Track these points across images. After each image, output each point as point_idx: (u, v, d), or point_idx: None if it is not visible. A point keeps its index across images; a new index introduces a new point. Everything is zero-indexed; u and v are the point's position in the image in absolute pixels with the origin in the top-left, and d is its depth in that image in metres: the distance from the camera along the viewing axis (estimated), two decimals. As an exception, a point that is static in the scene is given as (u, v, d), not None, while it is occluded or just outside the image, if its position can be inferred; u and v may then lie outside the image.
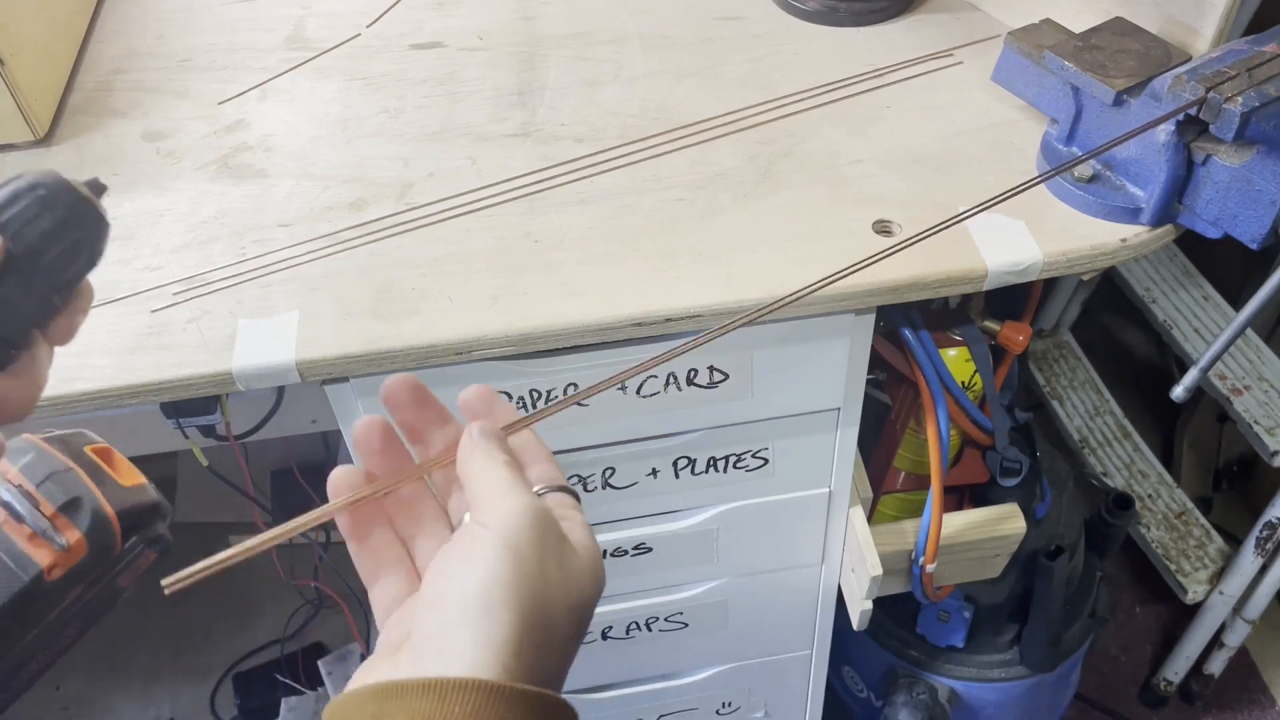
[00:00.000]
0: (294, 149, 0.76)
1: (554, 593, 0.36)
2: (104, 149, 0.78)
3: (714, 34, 0.85)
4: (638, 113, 0.78)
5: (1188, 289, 1.32)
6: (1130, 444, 1.43)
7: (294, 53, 0.86)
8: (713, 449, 0.77)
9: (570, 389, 0.70)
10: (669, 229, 0.68)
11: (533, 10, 0.89)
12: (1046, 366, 1.53)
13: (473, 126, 0.77)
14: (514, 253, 0.67)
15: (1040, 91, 0.71)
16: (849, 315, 0.69)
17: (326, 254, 0.68)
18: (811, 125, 0.76)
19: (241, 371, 0.61)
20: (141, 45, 0.88)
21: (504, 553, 0.35)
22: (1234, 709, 1.44)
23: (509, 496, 0.37)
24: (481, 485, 0.38)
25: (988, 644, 1.09)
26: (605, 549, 0.83)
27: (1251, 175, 0.61)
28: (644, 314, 0.63)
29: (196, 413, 0.75)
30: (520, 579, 0.35)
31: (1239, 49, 0.63)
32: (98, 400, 0.61)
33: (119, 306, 0.65)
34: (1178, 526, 1.33)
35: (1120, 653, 1.50)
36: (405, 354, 0.62)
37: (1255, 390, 1.19)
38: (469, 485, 0.39)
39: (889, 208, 0.69)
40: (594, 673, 0.98)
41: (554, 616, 0.36)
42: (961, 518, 0.88)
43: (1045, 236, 0.66)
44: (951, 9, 0.87)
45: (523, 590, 0.35)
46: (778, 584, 0.91)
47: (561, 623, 0.36)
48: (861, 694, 1.19)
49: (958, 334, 0.82)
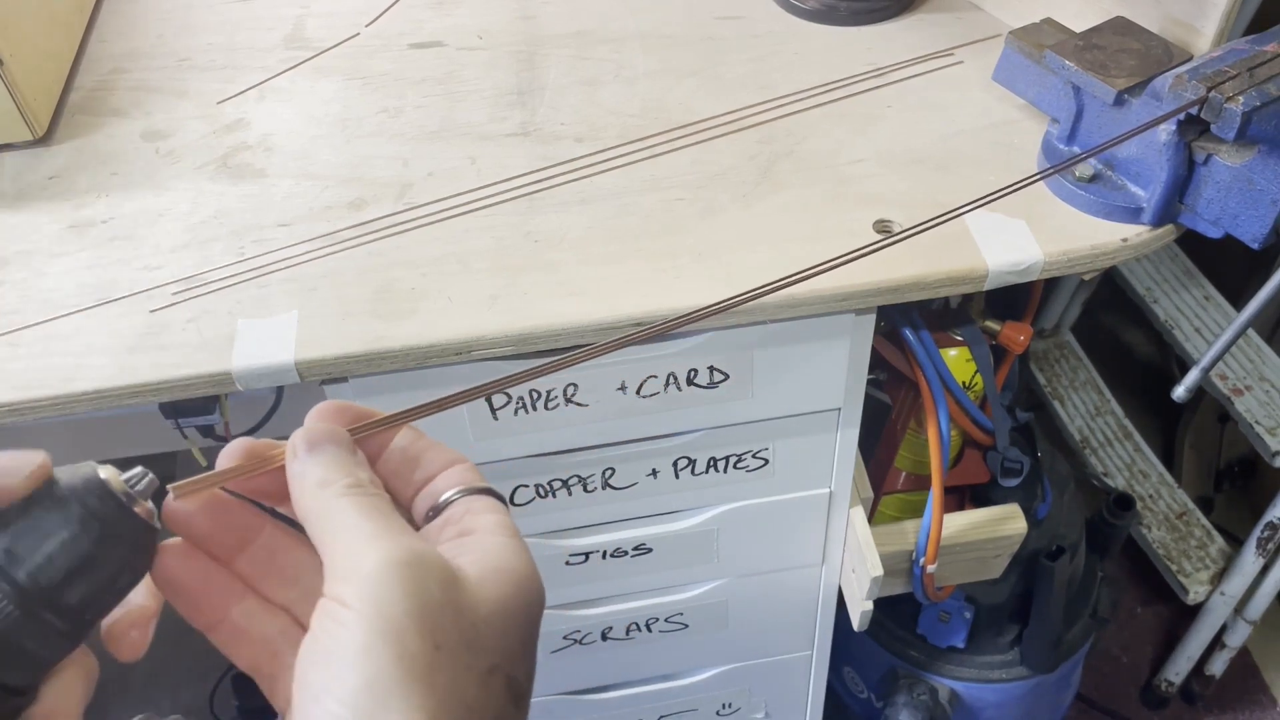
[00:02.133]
0: (293, 149, 0.76)
1: (458, 659, 0.28)
2: (103, 149, 0.77)
3: (714, 33, 0.85)
4: (638, 112, 0.78)
5: (1189, 289, 1.32)
6: (1131, 444, 1.43)
7: (293, 52, 0.86)
8: (713, 449, 0.77)
9: (570, 389, 0.70)
10: (669, 229, 0.68)
11: (532, 9, 0.89)
12: (1047, 367, 1.53)
13: (472, 126, 0.77)
14: (514, 253, 0.67)
15: (1041, 91, 0.71)
16: (849, 315, 0.69)
17: (326, 254, 0.68)
18: (812, 125, 0.76)
19: (241, 371, 0.61)
20: (141, 45, 0.87)
21: (378, 641, 0.27)
22: (1235, 709, 1.44)
23: (365, 552, 0.28)
24: (325, 535, 0.30)
25: (988, 645, 1.08)
26: (605, 549, 0.83)
27: (1252, 175, 0.61)
28: (644, 314, 0.63)
29: (196, 413, 0.74)
30: (409, 667, 0.27)
31: (1240, 48, 0.63)
32: (96, 400, 0.61)
33: (118, 306, 0.65)
34: (1179, 527, 1.33)
35: (1121, 653, 1.50)
36: (405, 354, 0.62)
37: (1256, 390, 1.19)
38: (310, 532, 0.30)
39: (889, 207, 0.69)
40: (594, 673, 0.98)
41: (467, 681, 0.28)
42: (962, 518, 0.88)
43: (1046, 236, 0.66)
44: (952, 8, 0.87)
45: (415, 677, 0.27)
46: (778, 584, 0.91)
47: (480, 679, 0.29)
48: (862, 694, 1.19)
49: (958, 334, 0.82)
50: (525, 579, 0.31)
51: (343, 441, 0.32)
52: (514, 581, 0.30)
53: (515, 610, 0.30)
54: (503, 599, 0.30)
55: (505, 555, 0.31)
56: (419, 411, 0.34)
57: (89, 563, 0.29)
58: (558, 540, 0.82)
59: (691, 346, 0.69)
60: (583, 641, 0.92)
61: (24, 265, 0.68)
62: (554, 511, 0.79)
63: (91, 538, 0.29)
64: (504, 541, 0.31)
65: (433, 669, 0.27)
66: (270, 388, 0.77)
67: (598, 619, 0.90)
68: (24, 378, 0.61)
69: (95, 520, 0.29)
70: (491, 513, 0.32)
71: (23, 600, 0.28)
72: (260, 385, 0.62)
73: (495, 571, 0.30)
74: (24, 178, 0.75)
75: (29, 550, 0.28)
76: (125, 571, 0.30)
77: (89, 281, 0.67)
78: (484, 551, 0.31)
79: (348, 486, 0.30)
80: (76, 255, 0.69)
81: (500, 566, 0.30)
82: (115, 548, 0.30)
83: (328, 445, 0.32)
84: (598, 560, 0.84)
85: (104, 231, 0.70)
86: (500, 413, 0.70)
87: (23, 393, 0.60)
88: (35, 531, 0.29)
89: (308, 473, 0.31)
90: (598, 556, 0.84)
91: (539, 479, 0.76)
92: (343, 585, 0.28)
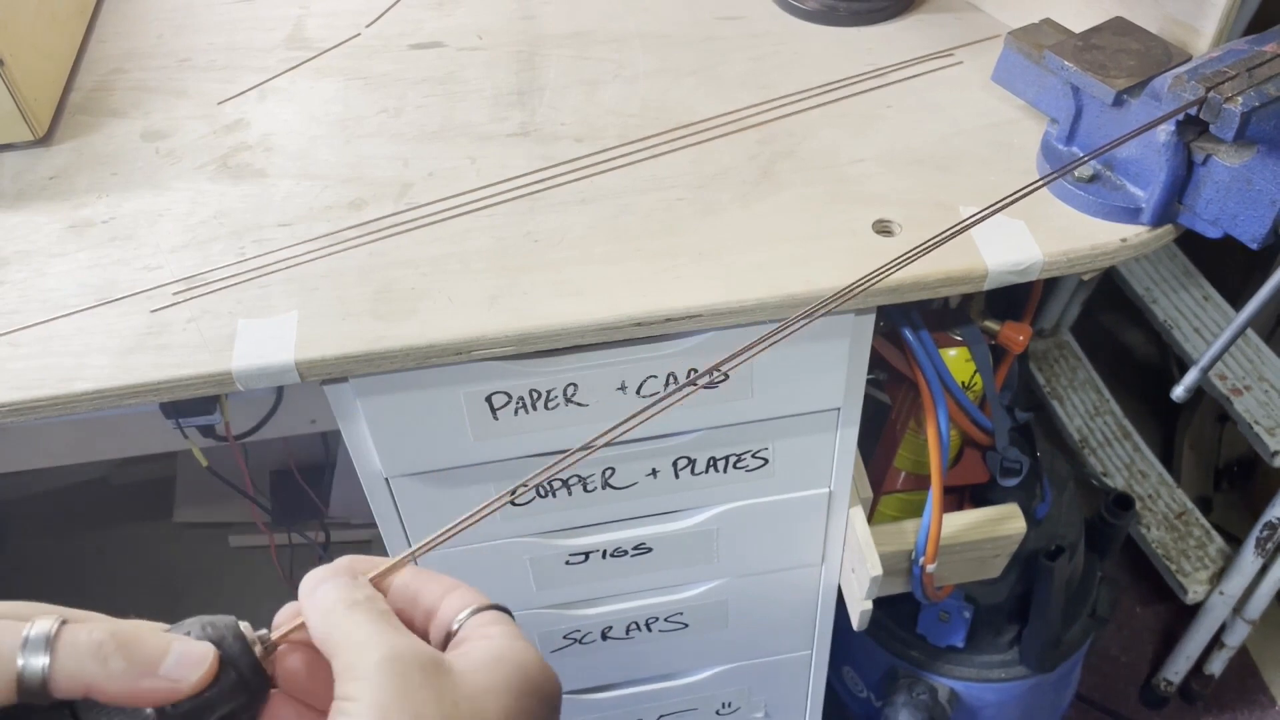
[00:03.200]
0: (293, 149, 0.76)
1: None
2: (103, 149, 0.78)
3: (714, 33, 0.85)
4: (638, 112, 0.78)
5: (1188, 289, 1.32)
6: (1130, 444, 1.43)
7: (293, 52, 0.86)
8: (713, 449, 0.77)
9: (570, 389, 0.70)
10: (669, 229, 0.68)
11: (532, 9, 0.89)
12: (1047, 366, 1.53)
13: (472, 126, 0.77)
14: (514, 253, 0.67)
15: (1040, 91, 0.71)
16: (849, 315, 0.69)
17: (326, 254, 0.68)
18: (811, 125, 0.76)
19: (241, 371, 0.61)
20: (141, 45, 0.88)
21: (366, 712, 0.32)
22: (1234, 709, 1.44)
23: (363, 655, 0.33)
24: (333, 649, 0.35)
25: (988, 644, 1.09)
26: (605, 549, 0.83)
27: (1251, 175, 0.61)
28: (644, 314, 0.63)
29: (196, 413, 0.75)
30: None
31: (1239, 49, 0.63)
32: (97, 400, 0.61)
33: (118, 306, 0.65)
34: (1178, 527, 1.33)
35: (1120, 653, 1.50)
36: (405, 354, 0.62)
37: (1255, 390, 1.19)
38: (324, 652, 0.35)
39: (889, 207, 0.69)
40: (594, 673, 0.98)
41: None
42: (961, 518, 0.88)
43: (1045, 236, 0.66)
44: (951, 9, 0.87)
45: None
46: (778, 584, 0.91)
47: None
48: (861, 694, 1.19)
49: (958, 334, 0.82)
50: (526, 665, 0.35)
51: (342, 571, 0.37)
52: (513, 667, 0.35)
53: (513, 690, 0.34)
54: (496, 681, 0.34)
55: (503, 646, 0.35)
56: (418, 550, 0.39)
57: (229, 716, 0.34)
58: (558, 540, 0.82)
59: (692, 346, 0.69)
60: (583, 641, 0.92)
61: (24, 265, 0.68)
62: (554, 511, 0.79)
63: (239, 697, 0.34)
64: (504, 638, 0.36)
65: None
66: (270, 388, 0.77)
67: (598, 619, 0.90)
68: (24, 378, 0.61)
69: (244, 684, 0.34)
70: (498, 624, 0.37)
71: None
72: (260, 385, 0.62)
73: (493, 660, 0.35)
74: (24, 178, 0.75)
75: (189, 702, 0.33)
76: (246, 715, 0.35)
77: (89, 281, 0.67)
78: (483, 647, 0.35)
79: (350, 605, 0.35)
80: (76, 255, 0.69)
81: (499, 657, 0.35)
82: (250, 701, 0.35)
83: (329, 578, 0.37)
84: (598, 560, 0.84)
85: (104, 231, 0.70)
86: (500, 413, 0.70)
87: (23, 393, 0.60)
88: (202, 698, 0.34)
89: (314, 605, 0.36)
90: (598, 556, 0.84)
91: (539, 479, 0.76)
92: (347, 685, 0.33)
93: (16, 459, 0.94)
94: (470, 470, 0.74)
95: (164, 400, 0.64)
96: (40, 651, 0.32)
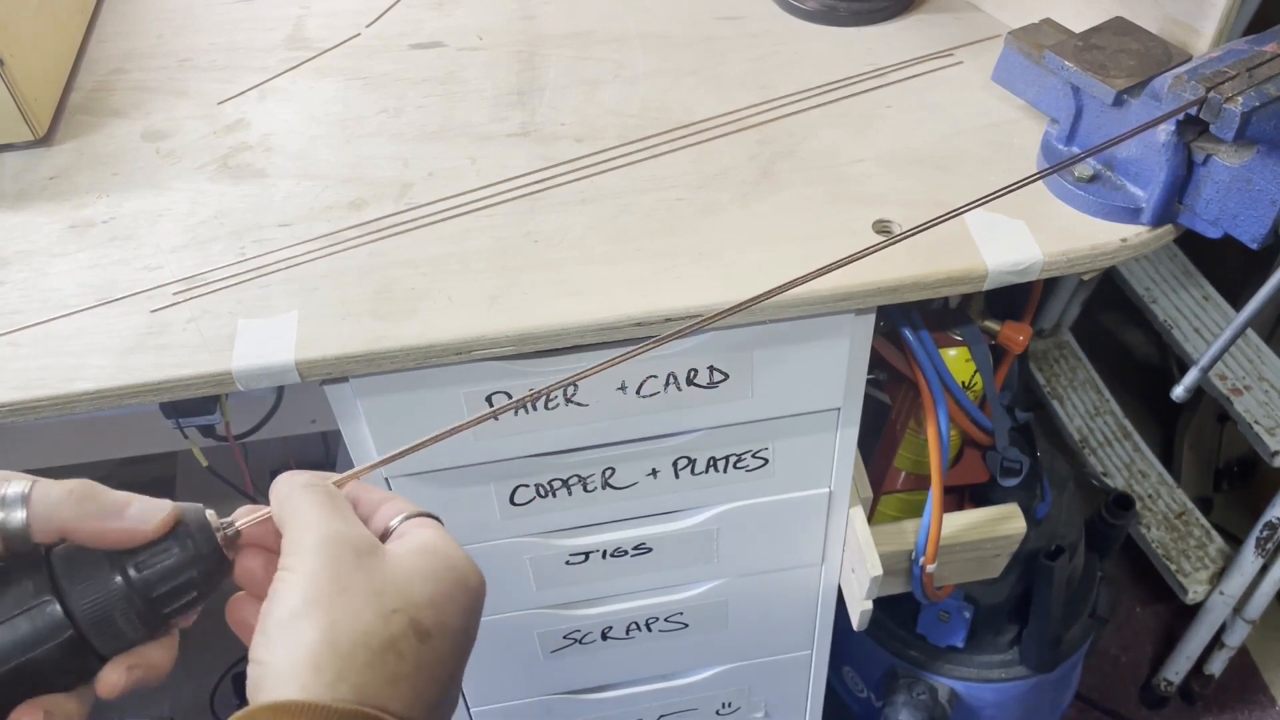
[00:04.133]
0: (294, 149, 0.76)
1: (360, 600, 0.37)
2: (104, 149, 0.78)
3: (714, 34, 0.85)
4: (638, 112, 0.78)
5: (1188, 289, 1.32)
6: (1130, 444, 1.43)
7: (294, 52, 0.86)
8: (713, 449, 0.77)
9: (570, 389, 0.70)
10: (669, 229, 0.68)
11: (532, 10, 0.89)
12: (1047, 366, 1.53)
13: (472, 126, 0.77)
14: (514, 253, 0.67)
15: (1040, 91, 0.71)
16: (849, 315, 0.69)
17: (326, 254, 0.68)
18: (811, 125, 0.76)
19: (241, 371, 0.61)
20: (141, 45, 0.88)
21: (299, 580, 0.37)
22: (1234, 709, 1.44)
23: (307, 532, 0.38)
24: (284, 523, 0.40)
25: (988, 644, 1.09)
26: (605, 549, 0.83)
27: (1251, 175, 0.61)
28: (644, 314, 0.63)
29: (196, 413, 0.75)
30: (314, 599, 0.36)
31: (1239, 49, 0.63)
32: (97, 400, 0.61)
33: (118, 306, 0.65)
34: (1178, 527, 1.33)
35: (1120, 653, 1.50)
36: (405, 354, 0.62)
37: (1255, 390, 1.19)
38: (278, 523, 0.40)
39: (889, 207, 0.69)
40: (594, 673, 0.98)
41: (367, 615, 0.36)
42: (961, 518, 0.88)
43: (1045, 236, 0.66)
44: (951, 9, 0.87)
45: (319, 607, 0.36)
46: (778, 584, 0.91)
47: (381, 616, 0.37)
48: (862, 694, 1.19)
49: (958, 334, 0.82)
50: (451, 556, 0.40)
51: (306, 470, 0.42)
52: (439, 557, 0.39)
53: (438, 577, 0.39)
54: (423, 567, 0.39)
55: (433, 539, 0.40)
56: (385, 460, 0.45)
57: (185, 584, 0.39)
58: (558, 540, 0.82)
59: (691, 346, 0.69)
60: (583, 641, 0.92)
61: (24, 265, 0.68)
62: (554, 511, 0.79)
63: (194, 568, 0.39)
64: (435, 535, 0.40)
65: (334, 605, 0.36)
66: (270, 388, 0.77)
67: (598, 619, 0.90)
68: (24, 378, 0.61)
69: (200, 557, 0.39)
70: (429, 526, 0.41)
71: (131, 597, 0.38)
72: (261, 385, 0.62)
73: (422, 551, 0.39)
74: (24, 178, 0.75)
75: (150, 566, 0.38)
76: (202, 594, 0.40)
77: (89, 281, 0.67)
78: (414, 538, 0.40)
79: (305, 487, 0.40)
80: (77, 255, 0.69)
81: (428, 548, 0.40)
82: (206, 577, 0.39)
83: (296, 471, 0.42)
84: (598, 560, 0.84)
85: (104, 231, 0.71)
86: (500, 412, 0.70)
87: (23, 393, 0.60)
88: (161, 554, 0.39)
89: (277, 487, 0.41)
90: (598, 556, 0.84)
91: (539, 479, 0.76)
92: (289, 557, 0.38)
93: (16, 459, 0.94)
94: (470, 470, 0.74)
95: (164, 400, 0.65)
96: (18, 506, 0.37)
